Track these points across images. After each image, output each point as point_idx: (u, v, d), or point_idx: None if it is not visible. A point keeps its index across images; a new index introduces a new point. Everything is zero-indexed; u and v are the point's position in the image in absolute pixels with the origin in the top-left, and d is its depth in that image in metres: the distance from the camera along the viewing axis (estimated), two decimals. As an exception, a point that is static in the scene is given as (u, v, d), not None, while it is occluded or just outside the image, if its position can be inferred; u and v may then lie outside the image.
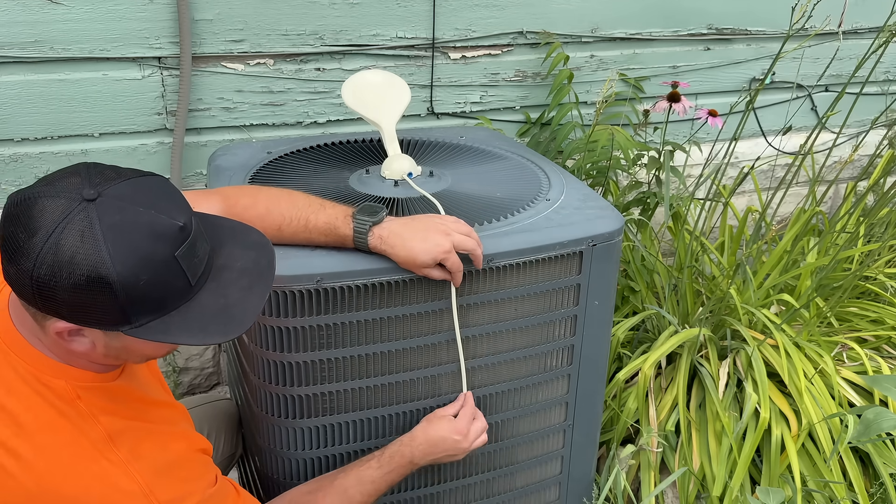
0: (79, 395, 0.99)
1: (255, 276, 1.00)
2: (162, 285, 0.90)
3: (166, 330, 0.92)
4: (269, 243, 1.05)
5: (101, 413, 0.99)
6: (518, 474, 1.56)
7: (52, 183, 0.90)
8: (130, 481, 0.97)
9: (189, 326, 0.93)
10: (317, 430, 1.36)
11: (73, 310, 0.89)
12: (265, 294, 0.99)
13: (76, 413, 0.98)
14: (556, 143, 2.16)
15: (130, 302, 0.88)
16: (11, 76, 1.79)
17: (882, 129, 2.65)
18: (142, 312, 0.90)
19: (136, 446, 1.00)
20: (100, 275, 0.86)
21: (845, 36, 2.54)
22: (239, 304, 0.97)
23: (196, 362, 2.22)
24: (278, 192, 1.30)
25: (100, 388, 1.01)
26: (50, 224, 0.86)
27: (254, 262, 1.01)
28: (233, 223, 1.06)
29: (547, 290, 1.40)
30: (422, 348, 1.35)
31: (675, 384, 1.90)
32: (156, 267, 0.89)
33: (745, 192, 2.70)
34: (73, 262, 0.85)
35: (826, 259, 2.10)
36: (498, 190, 1.53)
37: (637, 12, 2.30)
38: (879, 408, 1.38)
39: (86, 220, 0.86)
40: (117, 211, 0.88)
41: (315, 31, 1.98)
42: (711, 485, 1.75)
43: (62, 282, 0.86)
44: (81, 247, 0.86)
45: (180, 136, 1.92)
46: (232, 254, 1.00)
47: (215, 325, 0.94)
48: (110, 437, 0.98)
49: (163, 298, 0.91)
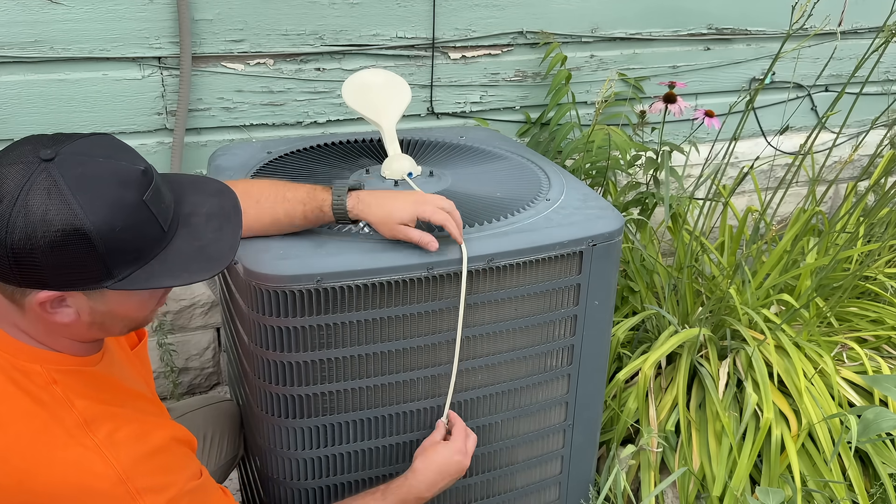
0: (54, 380, 0.98)
1: (222, 218, 1.01)
2: (137, 231, 0.91)
3: (149, 277, 0.92)
4: (228, 188, 1.07)
5: (78, 397, 0.98)
6: (518, 474, 1.56)
7: (4, 154, 0.90)
8: (106, 466, 0.95)
9: (171, 269, 0.94)
10: (317, 430, 1.36)
11: (55, 272, 0.88)
12: (237, 233, 1.01)
13: (50, 398, 0.97)
14: (554, 144, 2.16)
15: (109, 252, 0.89)
16: (11, 76, 1.79)
17: (882, 129, 2.65)
18: (122, 263, 0.91)
19: (114, 432, 0.98)
20: (75, 227, 0.86)
21: (845, 36, 2.54)
22: (213, 244, 0.98)
23: (196, 362, 2.22)
24: (257, 179, 1.31)
25: (78, 372, 1.01)
26: (14, 189, 0.86)
27: (219, 207, 1.03)
28: (190, 176, 1.07)
29: (547, 290, 1.40)
30: (421, 348, 1.35)
31: (675, 384, 1.90)
32: (127, 213, 0.90)
33: (744, 192, 2.70)
34: (45, 221, 0.85)
35: (826, 259, 2.10)
36: (498, 190, 1.53)
37: (637, 12, 2.30)
38: (879, 408, 1.38)
39: (48, 178, 0.87)
40: (78, 164, 0.89)
41: (315, 31, 1.98)
42: (711, 485, 1.75)
43: (38, 243, 0.86)
44: (51, 203, 0.86)
45: (180, 136, 1.92)
46: (195, 201, 1.01)
47: (196, 265, 0.96)
48: (86, 422, 0.97)
49: (140, 246, 0.92)
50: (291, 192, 1.27)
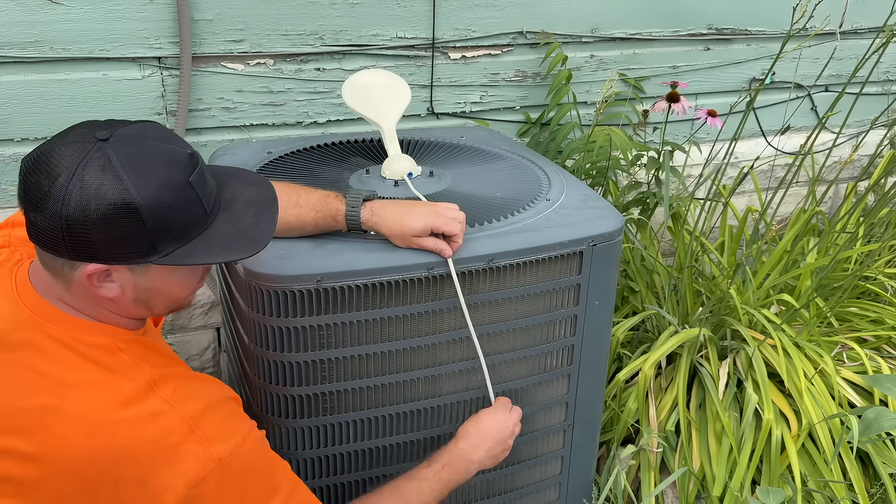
0: (120, 348, 1.03)
1: (261, 205, 1.07)
2: (182, 210, 0.97)
3: (191, 254, 0.98)
4: (266, 180, 1.12)
5: (144, 362, 1.03)
6: (518, 474, 1.56)
7: (64, 135, 0.97)
8: (177, 418, 1.00)
9: (212, 248, 1.00)
10: (317, 430, 1.36)
11: (104, 245, 0.94)
12: (274, 219, 1.06)
13: (122, 364, 1.02)
14: (555, 144, 2.16)
15: (157, 228, 0.95)
16: (11, 76, 1.78)
17: (882, 129, 2.65)
18: (167, 239, 0.96)
19: (179, 388, 1.03)
20: (126, 202, 0.92)
21: (845, 36, 2.54)
22: (252, 227, 1.04)
23: (196, 362, 2.22)
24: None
25: (136, 341, 1.06)
26: (71, 165, 0.92)
27: (257, 195, 1.08)
28: (231, 168, 1.13)
29: (547, 290, 1.40)
30: (421, 348, 1.35)
31: (675, 384, 1.90)
32: (175, 191, 0.96)
33: (745, 192, 2.70)
34: (99, 194, 0.91)
35: (826, 259, 2.10)
36: (498, 190, 1.53)
37: (637, 12, 2.30)
38: (880, 407, 1.39)
39: (103, 156, 0.93)
40: (131, 145, 0.95)
41: (315, 31, 1.98)
42: (711, 485, 1.75)
43: (91, 215, 0.91)
44: (105, 179, 0.92)
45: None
46: (235, 189, 1.07)
47: (237, 245, 1.02)
48: (155, 382, 1.02)
49: (184, 225, 0.98)
50: (304, 197, 1.28)
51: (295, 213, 1.27)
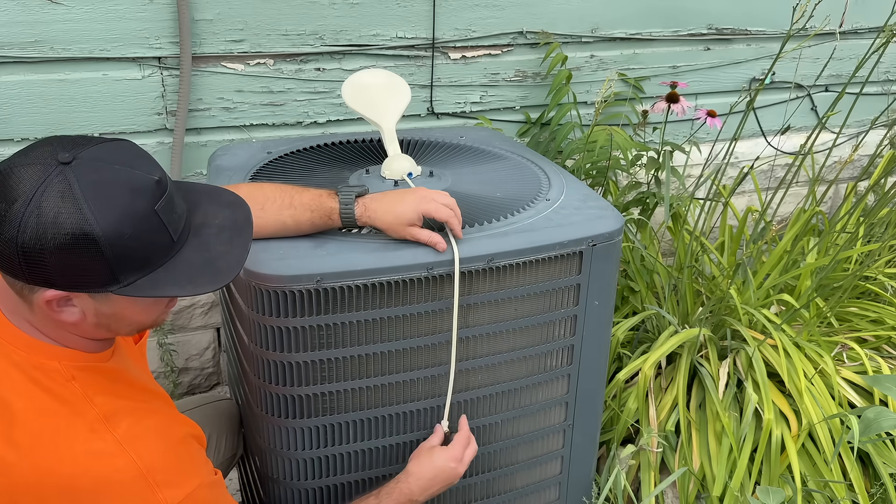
0: (73, 376, 0.99)
1: (234, 231, 1.02)
2: (146, 240, 0.92)
3: (154, 285, 0.93)
4: (243, 201, 1.07)
5: (97, 393, 0.99)
6: (518, 474, 1.56)
7: (25, 153, 0.91)
8: (127, 461, 0.96)
9: (177, 279, 0.95)
10: (317, 430, 1.36)
11: (62, 274, 0.89)
12: (246, 247, 1.02)
13: (70, 394, 0.98)
14: (555, 144, 2.16)
15: (117, 258, 0.90)
16: (11, 76, 1.78)
17: (882, 129, 2.65)
18: (129, 269, 0.92)
19: (134, 426, 0.99)
20: (84, 232, 0.87)
21: (845, 36, 2.54)
22: (222, 256, 0.99)
23: (196, 362, 2.22)
24: (261, 183, 1.32)
25: (94, 369, 1.02)
26: (29, 189, 0.87)
27: (231, 220, 1.03)
28: (206, 186, 1.08)
29: (547, 290, 1.40)
30: (421, 348, 1.35)
31: (675, 384, 1.90)
32: (138, 221, 0.91)
33: (745, 192, 2.70)
34: (56, 223, 0.87)
35: (826, 259, 2.10)
36: (498, 190, 1.53)
37: (637, 12, 2.30)
38: (880, 407, 1.38)
39: (64, 181, 0.88)
40: (94, 170, 0.90)
41: (315, 31, 1.98)
42: (711, 485, 1.75)
43: (48, 244, 0.87)
44: (63, 207, 0.87)
45: (180, 136, 1.92)
46: (208, 212, 1.02)
47: (203, 277, 0.96)
48: (106, 417, 0.98)
49: (147, 255, 0.93)
50: (298, 198, 1.27)
51: (290, 213, 1.26)
